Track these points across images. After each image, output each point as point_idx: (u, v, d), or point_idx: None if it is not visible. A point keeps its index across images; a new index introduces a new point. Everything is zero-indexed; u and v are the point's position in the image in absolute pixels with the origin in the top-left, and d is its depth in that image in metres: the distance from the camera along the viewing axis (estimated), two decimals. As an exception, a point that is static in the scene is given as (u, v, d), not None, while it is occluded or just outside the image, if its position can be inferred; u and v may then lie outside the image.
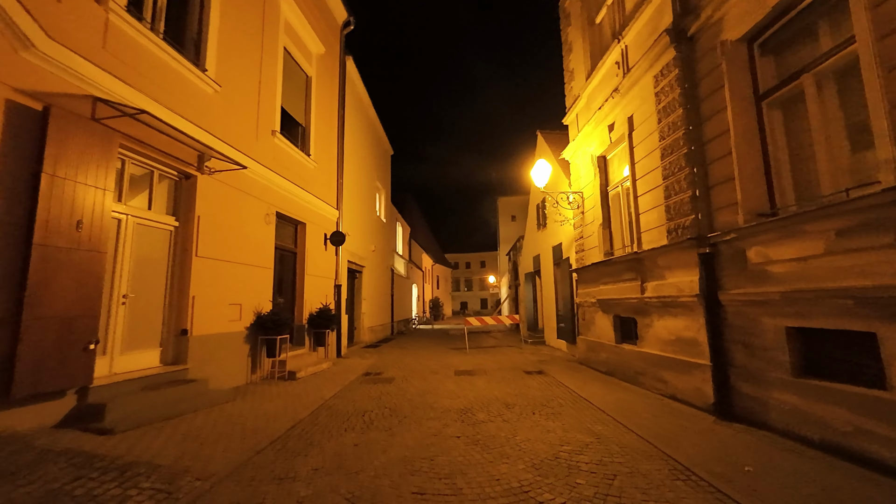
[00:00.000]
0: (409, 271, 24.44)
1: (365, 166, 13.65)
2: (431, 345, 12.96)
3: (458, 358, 9.60)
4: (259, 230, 7.01)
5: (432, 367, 8.21)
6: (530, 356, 9.60)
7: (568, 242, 9.65)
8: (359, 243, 12.43)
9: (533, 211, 13.60)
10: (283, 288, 8.25)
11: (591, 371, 7.31)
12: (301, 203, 8.57)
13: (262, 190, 7.12)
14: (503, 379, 6.84)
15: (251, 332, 6.56)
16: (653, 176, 5.57)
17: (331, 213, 10.01)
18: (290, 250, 8.45)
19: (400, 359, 9.63)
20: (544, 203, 11.96)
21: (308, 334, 8.55)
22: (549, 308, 11.70)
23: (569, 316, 9.51)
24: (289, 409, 4.94)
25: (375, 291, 14.52)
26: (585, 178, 8.11)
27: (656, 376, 5.40)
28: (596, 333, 7.52)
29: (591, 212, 7.83)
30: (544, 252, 12.04)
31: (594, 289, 7.49)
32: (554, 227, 10.82)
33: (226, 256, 6.08)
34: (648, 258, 5.63)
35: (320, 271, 9.32)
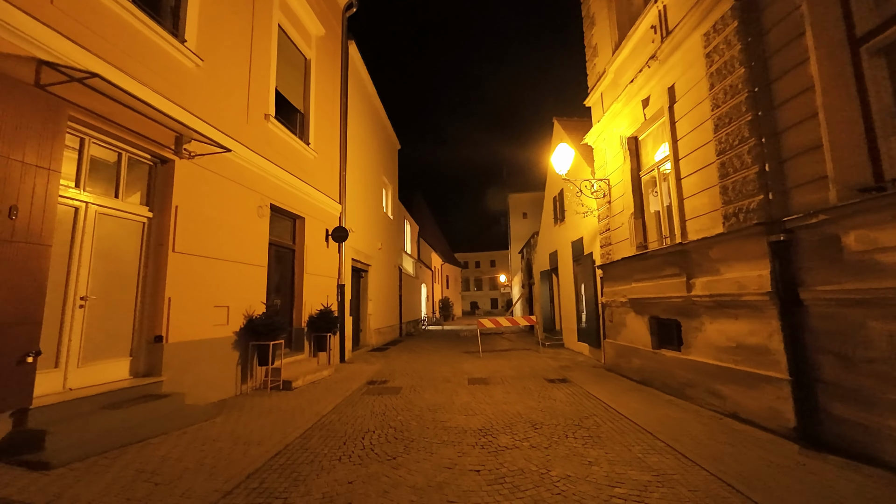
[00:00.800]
0: (417, 271, 23.73)
1: (370, 159, 12.94)
2: (442, 348, 12.20)
3: (472, 363, 8.83)
4: (250, 224, 6.32)
5: (444, 374, 7.44)
6: (550, 361, 8.78)
7: (590, 236, 8.81)
8: (364, 241, 11.73)
9: (549, 204, 12.76)
10: (280, 288, 7.56)
11: (623, 380, 6.47)
12: (299, 195, 7.87)
13: (253, 179, 6.43)
14: (524, 389, 6.04)
15: (241, 337, 5.86)
16: (702, 153, 4.72)
17: (333, 208, 9.31)
18: (287, 247, 7.76)
19: (408, 364, 8.88)
20: (562, 195, 11.12)
21: (308, 338, 7.85)
22: (569, 308, 10.85)
23: (592, 317, 8.66)
24: (277, 429, 4.21)
25: (382, 291, 13.81)
26: (612, 163, 7.26)
27: (710, 389, 4.55)
28: (627, 337, 6.68)
29: (619, 201, 6.99)
30: (562, 248, 11.20)
31: (624, 287, 6.65)
32: (574, 220, 9.98)
33: (210, 252, 5.38)
34: (697, 250, 4.78)
35: (321, 270, 8.62)
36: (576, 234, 9.92)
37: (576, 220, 9.76)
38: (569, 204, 10.21)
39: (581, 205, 8.25)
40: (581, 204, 8.25)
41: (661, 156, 5.92)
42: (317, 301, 8.23)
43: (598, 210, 7.89)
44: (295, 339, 7.71)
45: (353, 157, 10.86)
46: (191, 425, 4.19)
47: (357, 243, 10.97)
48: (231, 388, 5.67)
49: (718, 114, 4.38)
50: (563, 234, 11.14)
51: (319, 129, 8.93)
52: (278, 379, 6.21)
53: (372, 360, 9.48)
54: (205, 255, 5.29)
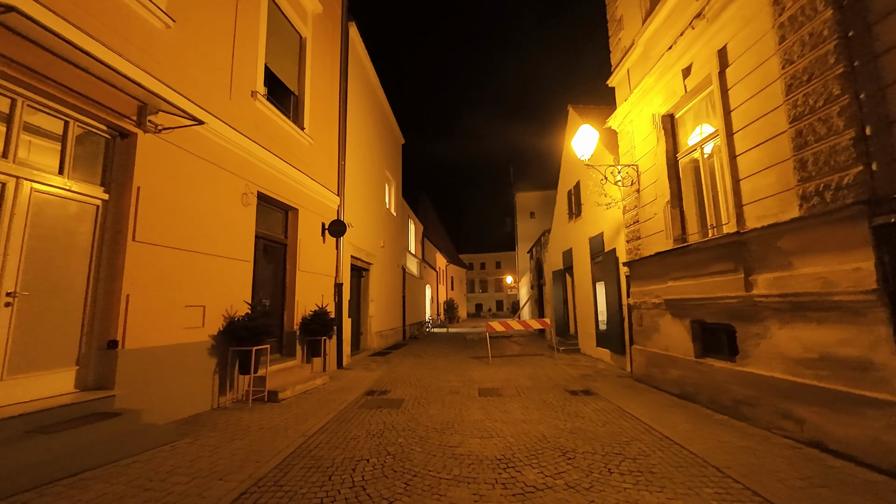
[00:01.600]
0: (422, 271, 22.97)
1: (372, 152, 12.21)
2: (448, 352, 11.40)
3: (481, 370, 8.02)
4: (233, 213, 5.57)
5: (451, 384, 6.64)
6: (568, 369, 7.96)
7: (613, 231, 7.99)
8: (365, 238, 10.98)
9: (562, 200, 11.94)
10: (269, 287, 6.81)
11: (657, 393, 5.64)
12: (292, 184, 7.13)
13: (238, 163, 5.70)
14: (544, 403, 5.23)
15: (219, 342, 5.11)
16: (766, 122, 3.91)
17: (330, 200, 8.56)
18: (278, 241, 7.01)
19: (412, 371, 8.09)
20: (578, 188, 10.30)
21: (300, 343, 7.09)
22: (585, 310, 10.02)
23: (615, 320, 7.83)
24: (250, 457, 3.44)
25: (385, 292, 13.05)
26: (642, 147, 6.45)
27: (779, 410, 3.72)
28: (661, 343, 5.85)
29: (650, 188, 6.17)
30: (578, 245, 10.37)
31: (657, 286, 5.83)
32: (593, 214, 9.16)
33: (182, 243, 4.64)
34: (759, 240, 3.96)
35: (317, 267, 7.87)
36: (595, 229, 9.09)
37: (595, 213, 8.94)
38: (587, 196, 9.39)
39: (604, 195, 7.43)
40: (604, 194, 7.43)
41: (707, 133, 5.10)
42: (311, 301, 7.47)
43: (624, 201, 7.07)
44: (286, 344, 6.95)
45: (353, 147, 10.12)
46: (146, 451, 3.43)
47: (357, 240, 10.23)
48: (206, 402, 4.91)
49: (792, 71, 3.57)
50: (579, 231, 10.31)
51: (316, 113, 8.19)
52: (263, 389, 5.45)
53: (372, 367, 8.70)
54: (175, 247, 4.54)
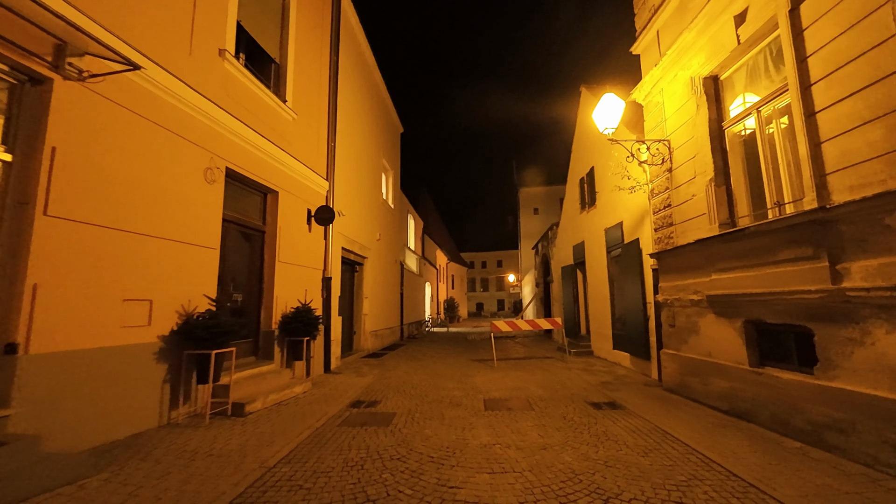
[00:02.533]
0: (421, 268, 22.08)
1: (367, 137, 11.30)
2: (448, 354, 10.49)
3: (486, 375, 7.11)
4: (193, 190, 4.67)
5: (451, 393, 5.74)
6: (583, 374, 7.05)
7: (635, 219, 7.07)
8: (359, 228, 10.07)
9: (573, 189, 11.02)
10: (243, 280, 5.91)
11: (698, 407, 4.73)
12: (271, 163, 6.22)
13: (200, 131, 4.79)
14: (564, 421, 4.33)
15: (172, 344, 4.21)
16: (866, 63, 2.99)
17: (317, 184, 7.65)
18: (253, 227, 6.11)
19: (407, 376, 7.19)
20: (592, 175, 9.38)
21: (279, 344, 6.18)
22: (600, 309, 9.11)
23: (637, 320, 6.92)
24: (181, 501, 2.54)
25: (381, 289, 12.14)
26: (676, 119, 5.53)
27: (889, 441, 2.80)
28: (701, 348, 4.93)
29: (686, 166, 5.25)
30: (592, 237, 9.45)
31: (698, 280, 4.92)
32: (611, 201, 8.25)
33: (118, 222, 3.73)
34: (856, 216, 3.05)
35: (301, 259, 6.96)
36: (612, 218, 8.17)
37: (613, 200, 8.02)
38: (604, 182, 8.48)
39: (627, 177, 6.52)
40: (627, 176, 6.52)
41: (765, 92, 4.18)
42: (293, 297, 6.57)
43: (652, 183, 6.15)
44: (262, 346, 6.05)
45: (345, 129, 9.22)
46: (31, 497, 2.52)
47: (350, 230, 9.32)
48: (151, 417, 4.00)
49: (915, -14, 2.65)
50: (593, 222, 9.39)
51: (301, 86, 7.28)
52: (226, 400, 4.54)
53: (364, 371, 7.79)
54: (109, 226, 3.64)
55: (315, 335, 6.42)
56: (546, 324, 8.64)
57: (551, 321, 8.65)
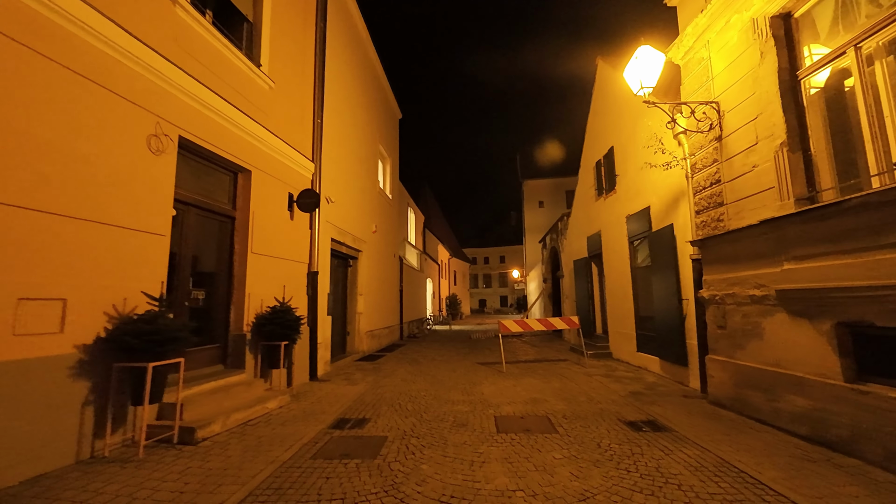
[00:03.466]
0: (422, 264, 21.16)
1: (361, 119, 10.32)
2: (451, 356, 9.56)
3: (495, 383, 6.18)
4: (132, 160, 3.72)
5: (456, 408, 4.80)
6: (607, 381, 6.10)
7: (668, 201, 6.10)
8: (352, 219, 9.13)
9: (588, 174, 10.03)
10: (206, 274, 4.98)
11: (765, 430, 3.78)
12: (242, 137, 5.28)
13: (141, 88, 3.84)
14: (600, 449, 3.38)
15: (96, 355, 3.28)
16: None
17: (301, 165, 6.70)
18: (220, 212, 5.16)
19: (405, 385, 6.26)
20: (611, 157, 8.39)
21: (252, 350, 5.25)
22: (620, 306, 8.15)
23: (671, 319, 5.97)
24: None
25: (378, 285, 11.21)
26: (728, 75, 4.54)
27: None
28: (766, 355, 3.98)
29: (745, 130, 4.27)
30: (611, 226, 8.48)
31: (763, 270, 3.95)
32: (634, 185, 7.27)
33: (14, 196, 2.80)
34: None
35: (281, 250, 6.03)
36: (636, 203, 7.19)
37: (639, 183, 7.05)
38: (626, 164, 7.49)
39: (661, 151, 5.54)
40: (661, 150, 5.54)
41: (860, 29, 3.19)
42: (270, 294, 5.64)
43: (694, 156, 5.17)
44: (232, 352, 5.12)
45: (334, 106, 8.25)
46: None
47: (341, 220, 8.38)
48: (66, 452, 3.07)
49: None
50: (611, 209, 8.42)
51: (280, 52, 6.32)
52: (173, 422, 3.61)
53: (355, 377, 6.86)
54: None
55: (295, 338, 5.48)
56: (561, 323, 7.69)
57: (566, 320, 7.70)
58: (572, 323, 7.66)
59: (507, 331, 7.62)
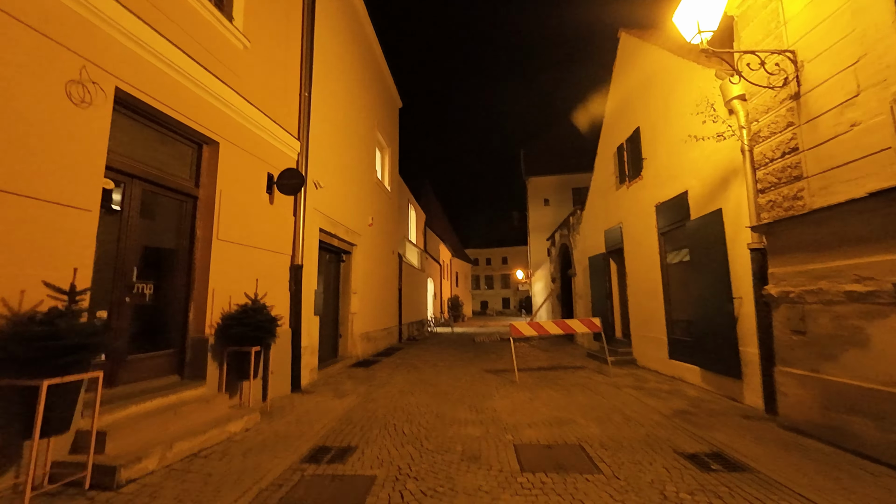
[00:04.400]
0: (423, 263, 20.24)
1: (358, 101, 9.42)
2: (455, 361, 8.62)
3: (508, 396, 5.24)
4: (45, 111, 2.81)
5: (464, 431, 3.87)
6: (642, 396, 5.16)
7: (712, 183, 5.16)
8: (346, 209, 8.22)
9: (607, 161, 9.10)
10: (156, 264, 4.06)
11: (884, 471, 2.84)
12: (208, 101, 4.37)
13: (62, 20, 2.94)
14: (666, 501, 2.45)
15: (-32, 368, 2.36)
16: None
17: (283, 142, 5.79)
18: (178, 188, 4.24)
19: (402, 398, 5.32)
20: (636, 139, 7.45)
21: (216, 357, 4.32)
22: (646, 306, 7.22)
23: (719, 321, 5.03)
24: None
25: (374, 283, 10.28)
26: (809, 15, 3.61)
27: None
28: (873, 369, 3.04)
29: (837, 82, 3.34)
30: (636, 217, 7.55)
31: (870, 259, 3.02)
32: (668, 167, 6.34)
33: None
34: None
35: (256, 238, 5.11)
36: (670, 188, 6.26)
37: (673, 164, 6.12)
38: (656, 145, 6.56)
39: (713, 119, 4.62)
40: (713, 118, 4.62)
41: None
42: (241, 289, 4.71)
43: (758, 121, 4.24)
44: (191, 360, 4.20)
45: (325, 80, 7.35)
46: None
47: (333, 210, 7.46)
48: None
49: None
50: (637, 198, 7.48)
51: (259, 9, 5.41)
52: (85, 459, 2.68)
53: (345, 387, 5.93)
54: None
55: (270, 342, 4.55)
56: (580, 326, 6.75)
57: (586, 322, 6.76)
58: (593, 325, 6.72)
59: (519, 334, 6.68)
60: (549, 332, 6.74)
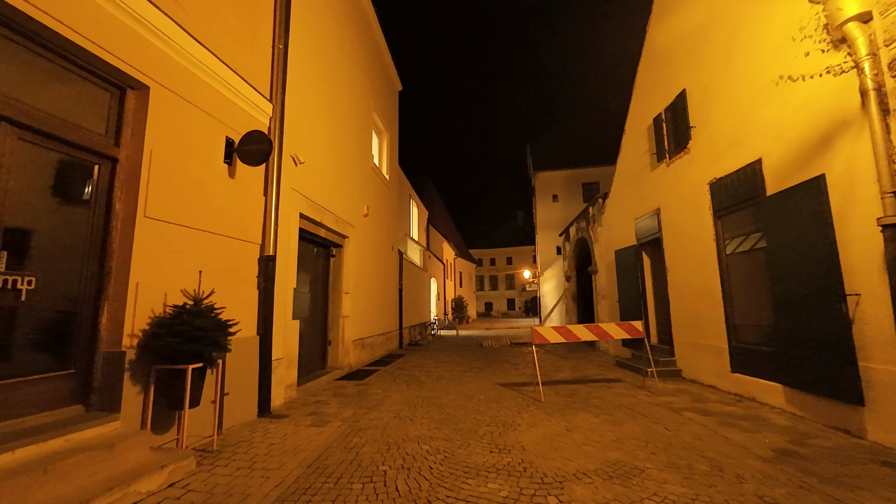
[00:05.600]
0: (426, 262, 19.02)
1: (350, 74, 8.24)
2: (463, 370, 7.39)
3: (537, 426, 4.00)
4: None
5: (486, 487, 2.64)
6: (711, 422, 3.90)
7: (806, 144, 3.91)
8: (335, 195, 7.03)
9: (638, 137, 7.85)
10: (46, 247, 2.86)
11: None
12: (136, 31, 3.18)
13: None
14: None
15: None
16: None
17: (249, 101, 4.60)
18: (84, 145, 3.04)
19: (399, 426, 4.10)
20: (681, 105, 6.21)
21: (137, 378, 3.11)
22: (697, 306, 5.97)
23: (820, 324, 3.80)
24: None
25: (370, 282, 9.08)
26: None
27: None
28: None
29: None
30: (680, 199, 6.31)
31: None
32: (728, 134, 5.09)
33: None
34: None
35: (206, 219, 3.91)
36: (732, 159, 5.01)
37: (741, 126, 4.88)
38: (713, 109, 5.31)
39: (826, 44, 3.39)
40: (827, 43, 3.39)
41: None
42: (179, 286, 3.51)
43: (890, 47, 3.01)
44: (100, 385, 3.00)
45: (310, 40, 6.17)
46: None
47: (318, 193, 6.27)
48: None
49: None
50: (682, 175, 6.24)
51: (214, -74, 4.23)
52: None
53: (328, 410, 4.71)
54: None
55: (214, 358, 3.33)
56: (619, 331, 5.51)
57: (627, 327, 5.52)
58: (635, 331, 5.48)
59: (544, 341, 5.45)
60: (581, 338, 5.51)
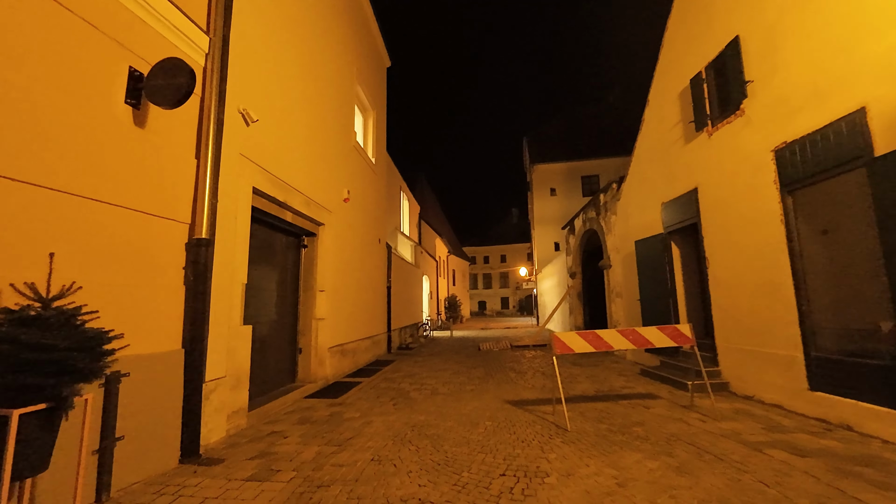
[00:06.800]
0: (418, 258, 17.77)
1: (329, 36, 6.95)
2: (461, 382, 6.17)
3: (571, 473, 2.80)
4: None
5: None
6: (813, 469, 2.73)
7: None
8: (306, 173, 5.76)
9: (669, 103, 6.68)
10: None
11: None
12: None
13: None
14: None
15: None
16: None
17: (169, 25, 3.30)
18: None
19: (376, 483, 2.86)
20: (734, 56, 5.04)
21: (-79, 434, 1.84)
22: (752, 306, 4.83)
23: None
24: None
25: (353, 278, 7.80)
26: None
27: None
28: None
29: None
30: (726, 176, 5.16)
31: None
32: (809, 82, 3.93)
33: None
34: None
35: (88, 180, 2.63)
36: (817, 113, 3.86)
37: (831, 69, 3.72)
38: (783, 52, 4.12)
39: None
40: None
41: None
42: (33, 277, 2.23)
43: None
44: None
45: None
46: None
47: (280, 165, 5.00)
48: None
49: None
50: (731, 144, 5.09)
51: None
52: None
53: (280, 452, 3.45)
54: None
55: (68, 397, 2.06)
56: (662, 337, 4.33)
57: (672, 332, 4.35)
58: (681, 336, 4.32)
59: (569, 350, 4.25)
60: (614, 347, 4.32)
